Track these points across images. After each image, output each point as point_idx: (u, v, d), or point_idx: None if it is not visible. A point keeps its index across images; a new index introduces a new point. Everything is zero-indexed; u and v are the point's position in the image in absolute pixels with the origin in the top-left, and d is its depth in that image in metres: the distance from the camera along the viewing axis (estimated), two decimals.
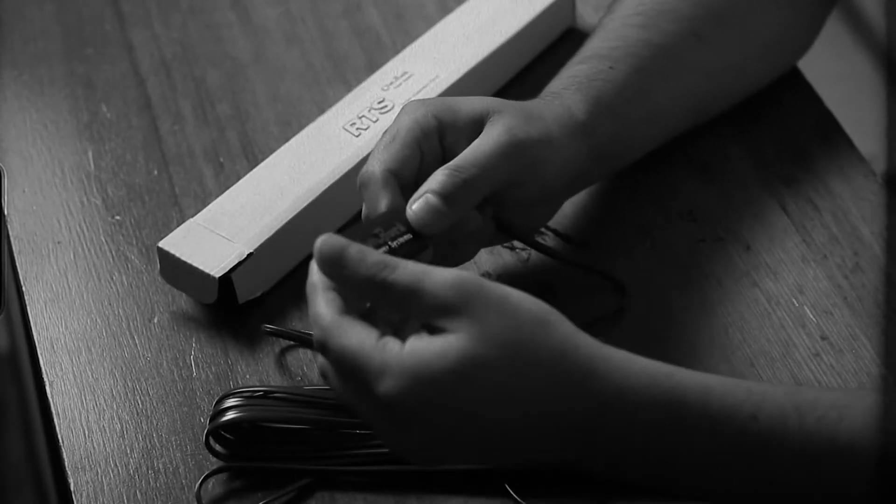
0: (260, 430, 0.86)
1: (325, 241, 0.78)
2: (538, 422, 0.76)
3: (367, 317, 0.78)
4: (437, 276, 0.76)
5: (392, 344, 0.75)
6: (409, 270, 0.76)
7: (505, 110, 0.88)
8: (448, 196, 0.84)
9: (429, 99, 0.90)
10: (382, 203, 0.84)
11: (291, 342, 0.92)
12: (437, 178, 0.85)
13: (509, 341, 0.75)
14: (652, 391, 0.76)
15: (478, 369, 0.74)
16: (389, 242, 0.82)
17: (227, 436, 0.86)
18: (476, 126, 0.88)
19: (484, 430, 0.76)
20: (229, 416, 0.85)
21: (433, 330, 0.76)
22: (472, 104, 0.89)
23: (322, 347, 0.77)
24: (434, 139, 0.87)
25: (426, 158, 0.87)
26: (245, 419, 0.85)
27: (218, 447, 0.86)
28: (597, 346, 0.77)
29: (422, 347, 0.74)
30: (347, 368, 0.76)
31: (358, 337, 0.75)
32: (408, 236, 0.83)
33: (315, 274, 0.78)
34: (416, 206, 0.84)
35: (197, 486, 0.85)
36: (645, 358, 0.78)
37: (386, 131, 0.88)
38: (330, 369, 0.77)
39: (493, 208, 0.88)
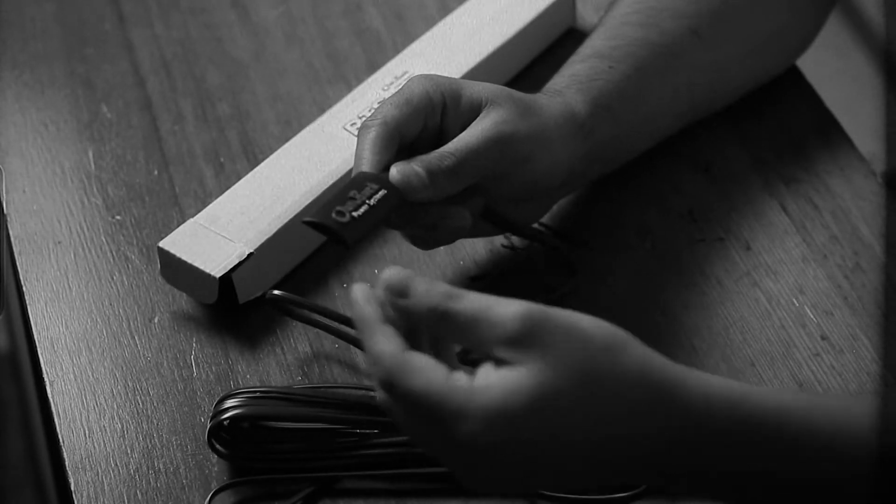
0: (261, 430, 0.86)
1: (392, 272, 0.75)
2: (617, 448, 0.74)
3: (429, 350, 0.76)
4: (503, 308, 0.73)
5: (462, 381, 0.72)
6: (474, 300, 0.73)
7: (501, 102, 0.89)
8: (432, 174, 0.86)
9: (440, 76, 0.91)
10: (376, 154, 0.86)
11: (294, 311, 0.92)
12: (423, 157, 0.87)
13: (582, 370, 0.72)
14: (730, 416, 0.74)
15: (553, 402, 0.72)
16: (367, 201, 0.84)
17: (228, 436, 0.86)
18: (474, 113, 0.90)
19: (565, 458, 0.73)
20: (230, 414, 0.85)
21: (500, 362, 0.73)
22: (474, 91, 0.90)
23: (387, 387, 0.73)
24: (437, 116, 0.89)
25: (425, 132, 0.89)
26: (245, 417, 0.85)
27: (219, 447, 0.86)
28: (670, 368, 0.74)
29: (494, 385, 0.72)
30: (418, 411, 0.73)
31: (426, 378, 0.72)
32: (383, 192, 0.85)
33: (365, 306, 0.75)
34: (401, 167, 0.86)
35: (207, 501, 0.85)
36: (716, 378, 0.75)
37: (397, 92, 0.89)
38: (396, 407, 0.74)
39: (482, 199, 0.89)
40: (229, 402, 0.86)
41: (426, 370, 0.72)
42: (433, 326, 0.74)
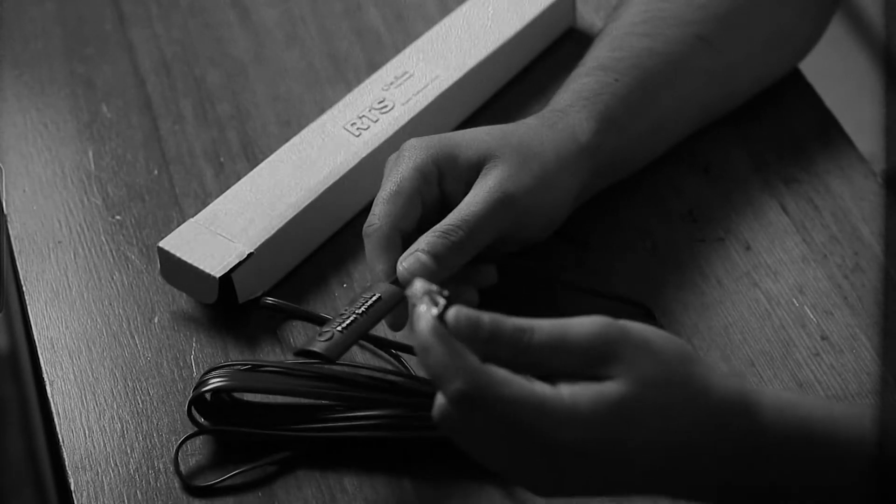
0: (242, 406, 0.86)
1: (459, 316, 0.74)
2: (691, 454, 0.76)
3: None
4: (579, 328, 0.74)
5: (550, 390, 0.73)
6: (549, 328, 0.74)
7: (501, 156, 0.89)
8: (438, 256, 0.85)
9: (430, 140, 0.90)
10: (382, 263, 0.86)
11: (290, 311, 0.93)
12: (428, 240, 0.86)
13: (663, 380, 0.75)
14: (785, 425, 0.76)
15: (639, 410, 0.74)
16: (356, 311, 0.83)
17: (209, 406, 0.86)
18: (474, 172, 0.89)
19: (637, 465, 0.75)
20: (211, 385, 0.85)
21: (584, 378, 0.74)
22: (470, 149, 0.89)
23: (468, 399, 0.73)
24: (434, 186, 0.89)
25: (426, 205, 0.89)
26: (225, 388, 0.85)
27: (200, 419, 0.86)
28: (732, 379, 0.77)
29: (582, 392, 0.73)
30: (506, 419, 0.73)
31: (517, 386, 0.73)
32: (375, 296, 0.84)
33: (431, 323, 0.74)
34: (406, 262, 0.85)
35: (175, 450, 0.85)
36: (769, 388, 0.78)
37: (388, 179, 0.89)
38: (472, 420, 0.74)
39: (499, 253, 0.90)
40: (213, 374, 0.86)
41: (514, 380, 0.73)
42: (514, 360, 0.75)
